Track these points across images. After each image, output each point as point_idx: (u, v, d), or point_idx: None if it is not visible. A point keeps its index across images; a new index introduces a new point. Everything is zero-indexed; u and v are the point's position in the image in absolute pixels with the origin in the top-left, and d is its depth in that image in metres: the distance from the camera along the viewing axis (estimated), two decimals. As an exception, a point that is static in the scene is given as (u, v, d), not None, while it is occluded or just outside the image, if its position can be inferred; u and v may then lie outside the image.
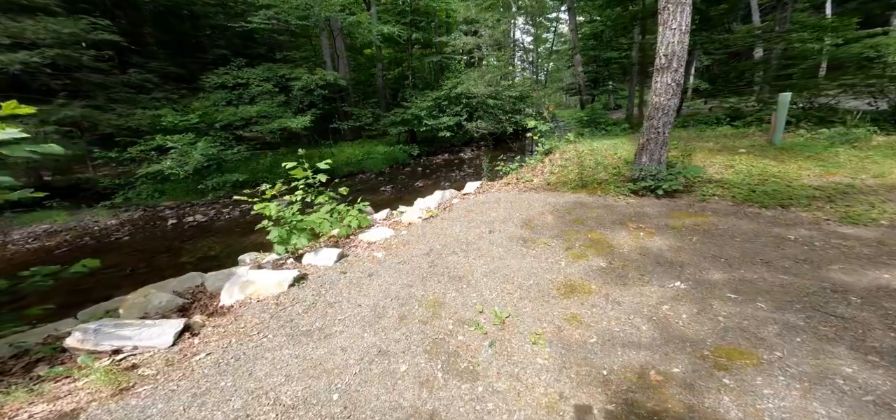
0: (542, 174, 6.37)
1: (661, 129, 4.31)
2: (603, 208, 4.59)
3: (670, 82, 4.05)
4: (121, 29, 12.83)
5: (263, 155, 11.85)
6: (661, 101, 4.18)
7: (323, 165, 4.70)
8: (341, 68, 17.55)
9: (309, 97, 12.89)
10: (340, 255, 3.75)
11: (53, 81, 8.18)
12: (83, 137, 8.65)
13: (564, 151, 7.20)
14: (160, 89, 12.05)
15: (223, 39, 16.75)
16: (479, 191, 6.38)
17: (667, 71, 4.04)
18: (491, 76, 12.62)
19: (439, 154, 15.44)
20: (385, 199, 8.73)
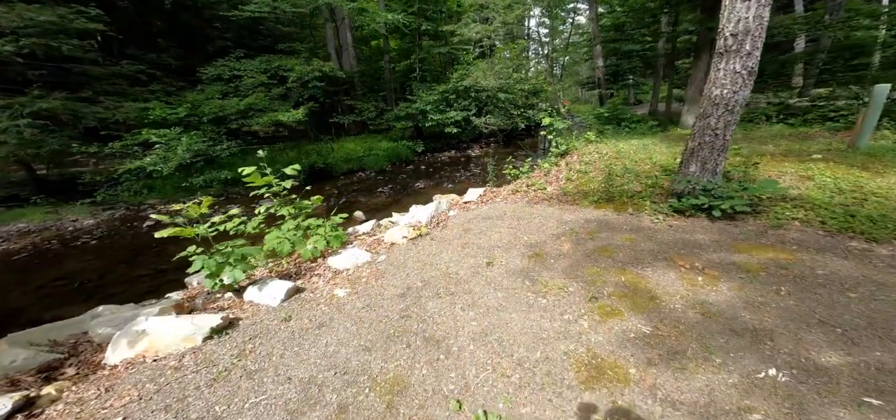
0: (557, 181, 5.36)
1: (721, 129, 3.24)
2: (637, 233, 3.58)
3: (739, 69, 2.98)
4: (125, 18, 12.45)
5: (260, 150, 11.24)
6: (723, 95, 3.11)
7: (290, 170, 3.88)
8: (346, 60, 16.79)
9: (307, 90, 12.16)
10: (292, 291, 2.91)
11: (30, 71, 7.67)
12: (64, 131, 8.16)
13: (584, 153, 6.14)
14: (158, 81, 11.58)
15: (229, 31, 16.27)
16: (482, 199, 5.44)
17: (734, 55, 2.97)
18: (502, 68, 11.52)
19: (445, 151, 14.49)
20: (380, 201, 7.92)
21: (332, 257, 3.59)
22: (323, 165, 10.51)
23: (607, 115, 11.11)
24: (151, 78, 11.43)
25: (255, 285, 2.90)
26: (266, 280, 2.96)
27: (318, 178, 10.42)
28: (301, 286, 3.08)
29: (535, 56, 32.03)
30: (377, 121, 14.44)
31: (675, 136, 6.86)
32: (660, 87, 18.83)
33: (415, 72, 17.63)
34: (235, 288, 2.94)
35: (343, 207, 7.59)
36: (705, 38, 7.90)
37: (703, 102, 3.31)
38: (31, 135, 7.23)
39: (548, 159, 6.34)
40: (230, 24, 16.40)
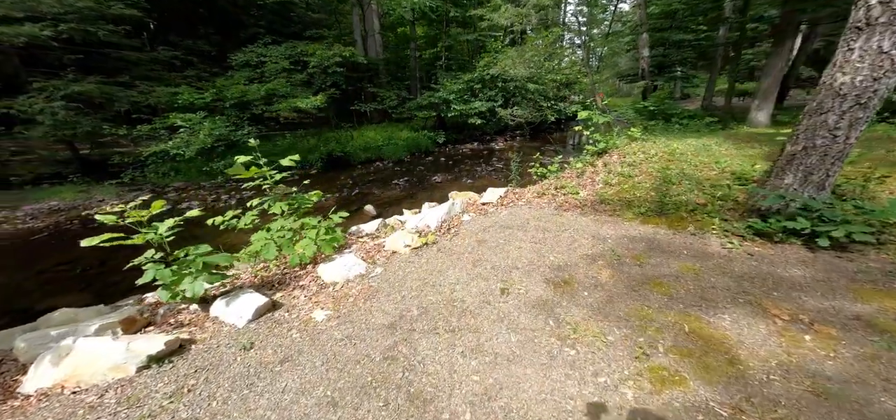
0: (592, 185, 4.54)
1: (843, 130, 2.31)
2: (702, 260, 2.76)
3: (888, 49, 2.04)
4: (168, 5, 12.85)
5: (281, 136, 11.19)
6: (854, 83, 2.18)
7: (287, 161, 3.44)
8: (372, 47, 16.44)
9: (329, 76, 11.90)
10: (264, 309, 2.46)
11: (66, 56, 7.92)
12: (98, 114, 8.43)
13: (626, 153, 5.22)
14: (193, 67, 11.85)
15: (263, 18, 16.46)
16: (503, 202, 4.75)
17: (885, 29, 2.03)
18: (533, 55, 10.53)
19: (467, 143, 13.76)
20: (394, 195, 7.44)
21: (323, 264, 3.12)
22: (341, 153, 10.25)
23: (653, 110, 9.83)
24: (186, 64, 11.71)
25: (225, 297, 2.47)
26: (237, 293, 2.53)
27: (335, 166, 10.17)
28: (278, 301, 2.62)
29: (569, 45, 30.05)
30: (399, 109, 13.98)
31: (744, 136, 5.69)
32: (715, 80, 16.77)
33: (440, 60, 16.92)
34: (204, 298, 2.54)
35: (354, 200, 7.21)
36: (791, 21, 6.52)
37: (819, 94, 2.38)
38: (65, 116, 7.46)
39: (582, 158, 5.48)
40: (263, 10, 16.63)
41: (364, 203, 6.98)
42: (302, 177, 9.89)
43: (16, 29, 6.77)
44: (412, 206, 6.68)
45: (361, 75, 14.71)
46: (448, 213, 4.17)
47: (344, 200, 7.25)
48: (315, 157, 9.82)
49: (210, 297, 2.59)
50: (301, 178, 9.90)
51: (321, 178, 9.17)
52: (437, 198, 7.01)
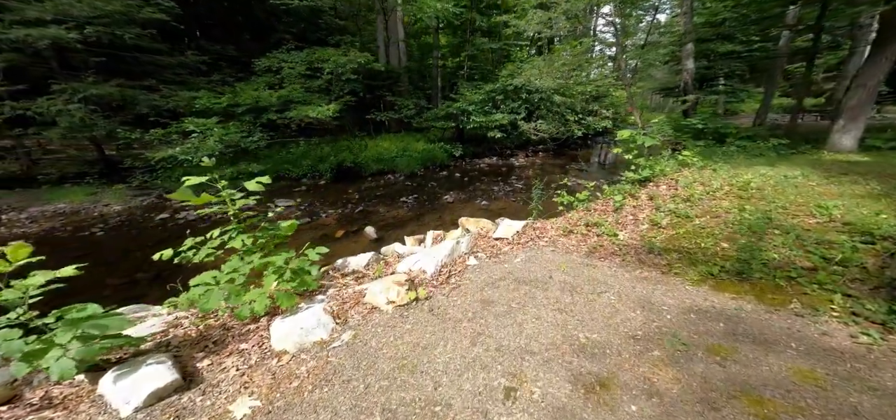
0: (635, 224, 3.58)
1: None
2: (823, 360, 1.79)
3: None
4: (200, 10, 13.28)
5: (295, 144, 10.93)
6: None
7: (252, 186, 2.83)
8: (394, 55, 16.22)
9: (347, 84, 11.62)
10: (167, 391, 1.77)
11: (93, 58, 8.04)
12: (117, 117, 8.50)
13: (678, 183, 4.19)
14: (219, 71, 12.02)
15: (294, 24, 16.78)
16: (520, 239, 3.90)
17: None
18: (561, 65, 9.63)
19: (485, 157, 12.94)
20: (399, 215, 6.75)
21: (280, 319, 2.42)
22: (352, 164, 9.78)
23: (701, 128, 8.55)
24: (212, 68, 11.88)
25: (120, 368, 1.81)
26: (137, 363, 1.86)
27: (346, 176, 9.71)
28: (198, 375, 1.93)
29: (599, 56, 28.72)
30: (417, 119, 13.47)
31: (833, 166, 4.47)
32: (773, 95, 14.94)
33: (462, 69, 16.37)
34: (98, 365, 1.89)
35: (357, 218, 6.60)
36: (894, 22, 5.24)
37: None
38: (83, 118, 7.47)
39: (619, 186, 4.50)
40: (294, 16, 16.91)
41: (366, 223, 6.35)
42: (311, 187, 9.58)
43: (41, 31, 6.84)
44: (417, 231, 5.95)
45: (381, 83, 14.43)
46: (450, 255, 3.37)
47: (346, 218, 6.66)
48: (325, 166, 9.42)
49: (106, 362, 1.95)
50: (311, 188, 9.59)
51: (330, 190, 8.72)
52: (447, 222, 6.25)
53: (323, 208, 7.18)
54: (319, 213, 6.86)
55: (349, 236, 5.88)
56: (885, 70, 5.47)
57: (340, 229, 6.12)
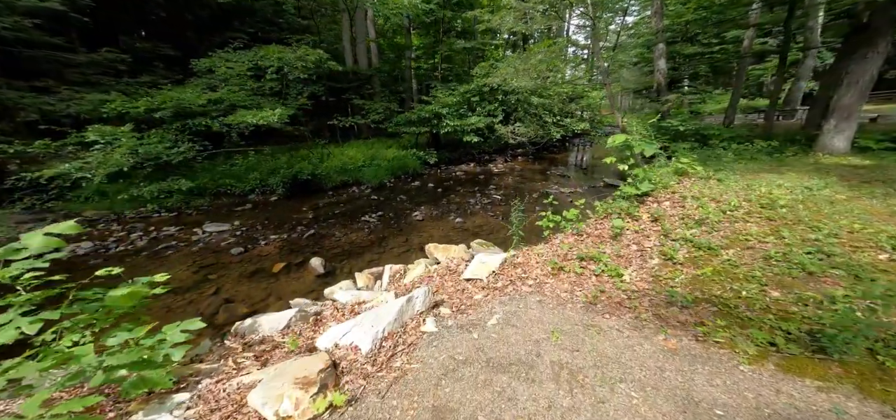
0: (643, 258, 2.78)
1: None
2: None
3: None
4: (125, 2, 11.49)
5: (241, 155, 9.50)
6: None
7: (38, 243, 1.68)
8: (362, 56, 15.09)
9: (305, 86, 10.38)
10: None
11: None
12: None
13: (682, 198, 3.47)
14: (150, 72, 10.37)
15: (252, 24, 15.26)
16: (496, 282, 3.00)
17: None
18: (538, 61, 8.95)
19: (462, 163, 12.10)
20: (357, 241, 5.68)
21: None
22: (310, 176, 8.56)
23: (682, 129, 8.15)
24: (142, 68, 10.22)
25: None
26: None
27: (303, 191, 8.48)
28: None
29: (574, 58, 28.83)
30: (386, 124, 12.42)
31: (844, 171, 3.94)
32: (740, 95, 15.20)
33: (436, 70, 15.51)
34: None
35: (304, 246, 5.47)
36: (884, 18, 4.86)
37: None
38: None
39: (615, 204, 3.72)
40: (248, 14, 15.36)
41: (315, 251, 5.25)
42: (259, 205, 8.24)
43: None
44: (375, 261, 4.92)
45: (348, 86, 13.25)
46: (399, 319, 2.39)
47: (291, 246, 5.51)
48: (277, 179, 8.14)
49: None
50: (258, 206, 8.24)
51: (280, 208, 7.48)
52: (414, 246, 5.26)
53: (265, 233, 5.98)
54: (258, 240, 5.67)
55: (291, 271, 4.76)
56: (876, 66, 5.12)
57: (281, 261, 4.99)
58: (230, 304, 4.07)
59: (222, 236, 5.89)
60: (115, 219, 7.01)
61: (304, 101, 9.36)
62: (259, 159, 9.28)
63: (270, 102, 8.98)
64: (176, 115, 7.47)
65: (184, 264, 5.03)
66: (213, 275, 4.75)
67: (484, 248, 4.76)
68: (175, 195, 7.58)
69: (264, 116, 7.11)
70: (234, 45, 9.89)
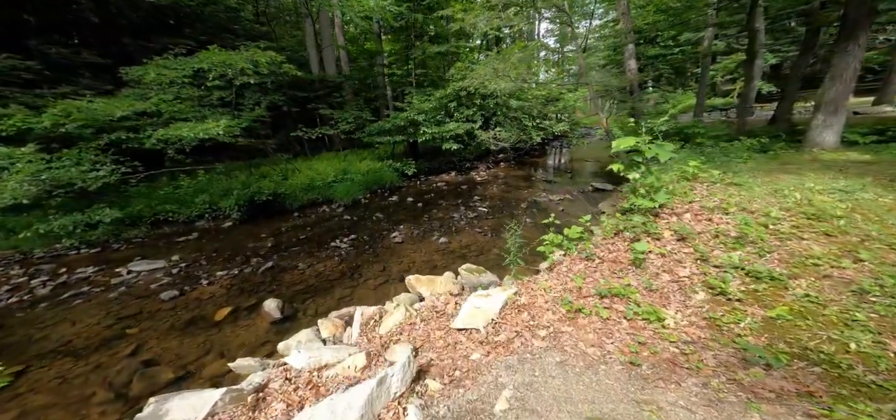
0: (681, 291, 2.20)
1: None
2: None
3: None
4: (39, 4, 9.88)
5: (186, 176, 8.14)
6: None
7: None
8: (330, 63, 14.13)
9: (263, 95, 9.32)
10: None
11: None
12: None
13: (703, 207, 2.97)
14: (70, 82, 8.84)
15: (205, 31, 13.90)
16: (497, 334, 2.31)
17: None
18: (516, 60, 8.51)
19: (443, 173, 11.43)
20: (324, 274, 4.79)
21: None
22: (271, 196, 7.50)
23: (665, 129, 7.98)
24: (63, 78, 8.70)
25: None
26: None
27: (264, 214, 7.42)
28: None
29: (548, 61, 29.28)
30: (359, 134, 11.53)
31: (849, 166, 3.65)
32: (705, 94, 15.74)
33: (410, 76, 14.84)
34: None
35: (259, 283, 4.51)
36: (861, 11, 4.75)
37: None
38: None
39: (625, 218, 3.16)
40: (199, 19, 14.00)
41: (271, 290, 4.32)
42: (209, 233, 7.01)
43: None
44: (346, 300, 4.07)
45: (315, 94, 12.25)
46: (367, 414, 1.62)
47: (243, 283, 4.54)
48: (231, 202, 7.02)
49: None
50: (207, 234, 7.00)
51: (235, 235, 6.39)
52: (392, 276, 4.45)
53: (210, 268, 4.94)
54: (200, 279, 4.64)
55: (239, 317, 3.83)
56: (858, 59, 5.02)
57: (227, 305, 4.03)
58: (151, 368, 3.12)
59: (154, 276, 4.79)
60: (20, 260, 5.66)
61: (262, 111, 8.32)
62: (210, 179, 8.06)
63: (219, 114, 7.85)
64: (100, 131, 6.23)
65: (94, 316, 3.95)
66: (134, 328, 3.73)
67: (474, 274, 4.06)
68: (100, 227, 6.29)
69: (206, 129, 6.04)
70: (175, 51, 8.65)
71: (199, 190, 7.39)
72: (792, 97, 9.10)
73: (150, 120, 6.81)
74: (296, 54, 16.92)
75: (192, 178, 7.92)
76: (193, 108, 6.99)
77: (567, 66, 28.06)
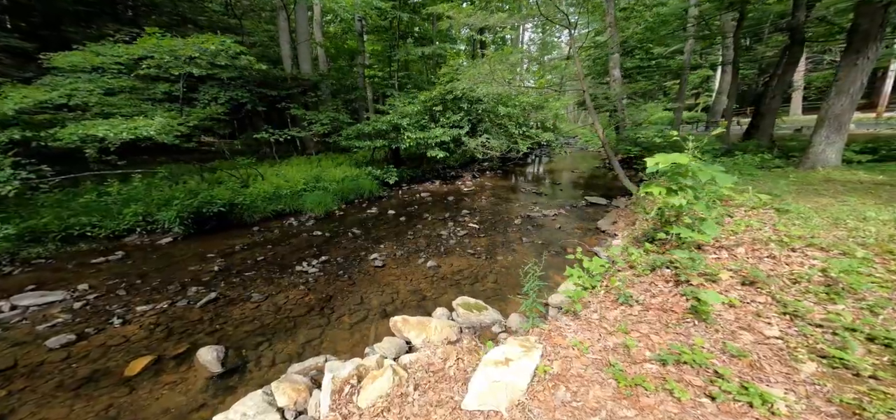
0: (783, 362, 1.60)
1: None
2: None
3: None
4: None
5: (127, 180, 6.80)
6: None
7: None
8: (305, 60, 13.03)
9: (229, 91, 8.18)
10: None
11: None
12: None
13: (760, 240, 2.46)
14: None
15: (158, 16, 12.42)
16: None
17: None
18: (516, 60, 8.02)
19: (426, 181, 10.69)
20: (283, 307, 3.87)
21: None
22: (223, 207, 6.33)
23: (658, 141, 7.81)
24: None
25: None
26: None
27: (218, 227, 6.29)
28: None
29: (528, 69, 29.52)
30: (336, 138, 10.56)
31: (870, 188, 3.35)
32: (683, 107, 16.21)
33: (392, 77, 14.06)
34: None
35: (192, 325, 3.50)
36: (875, 21, 4.61)
37: None
38: None
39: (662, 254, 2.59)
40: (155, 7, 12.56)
41: (212, 332, 3.34)
42: (141, 251, 5.59)
43: None
44: (314, 344, 3.21)
45: (287, 92, 11.13)
46: None
47: (171, 324, 3.51)
48: (171, 214, 5.81)
49: None
50: (139, 252, 4.61)
51: (171, 255, 5.20)
52: (372, 314, 3.58)
53: (130, 301, 3.86)
54: (113, 316, 3.56)
55: (163, 371, 2.84)
56: (866, 72, 4.90)
57: (147, 353, 3.04)
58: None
59: (48, 311, 3.62)
60: None
61: (217, 109, 7.19)
62: (149, 186, 6.74)
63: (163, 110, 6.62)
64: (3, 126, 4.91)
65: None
66: (2, 391, 2.66)
67: (473, 311, 3.35)
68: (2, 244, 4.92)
69: (132, 128, 4.89)
70: (115, 37, 7.30)
71: (132, 198, 6.11)
72: (773, 112, 9.27)
73: (71, 114, 5.56)
74: (267, 50, 15.65)
75: (125, 184, 6.59)
76: (129, 102, 5.79)
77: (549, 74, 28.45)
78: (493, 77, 7.32)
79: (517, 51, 9.31)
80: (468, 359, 2.42)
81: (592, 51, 21.90)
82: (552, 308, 3.30)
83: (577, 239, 5.35)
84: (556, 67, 24.59)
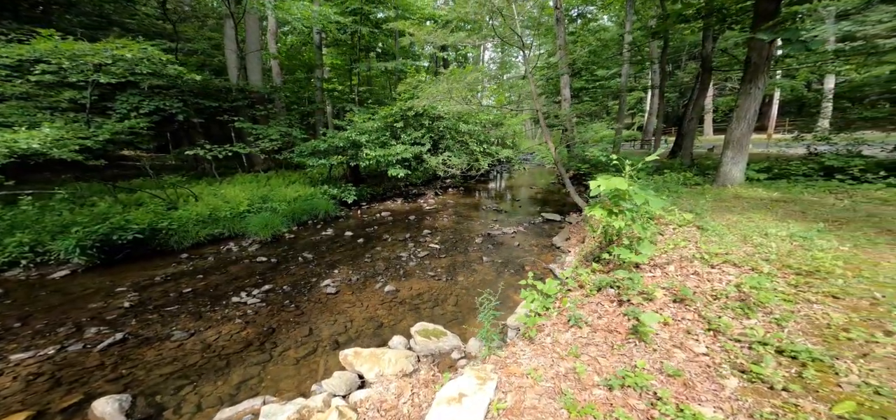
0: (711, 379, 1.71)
1: None
2: None
3: None
4: None
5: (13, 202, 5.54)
6: None
7: None
8: (256, 72, 12.21)
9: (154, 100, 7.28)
10: None
11: None
12: None
13: (686, 258, 2.70)
14: None
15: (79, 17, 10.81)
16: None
17: None
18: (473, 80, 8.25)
19: (387, 199, 10.44)
20: (216, 347, 3.38)
21: None
22: (141, 233, 5.49)
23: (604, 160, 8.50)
24: None
25: None
26: None
27: (135, 255, 5.43)
28: None
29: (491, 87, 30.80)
30: (286, 154, 9.92)
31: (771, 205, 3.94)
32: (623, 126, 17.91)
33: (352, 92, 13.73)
34: None
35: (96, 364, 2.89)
36: (763, 55, 5.52)
37: None
38: None
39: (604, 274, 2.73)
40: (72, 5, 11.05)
41: (114, 379, 2.79)
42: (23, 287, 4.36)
43: None
44: (252, 384, 2.80)
45: (231, 105, 10.28)
46: None
47: (60, 371, 2.85)
48: (69, 243, 4.87)
49: None
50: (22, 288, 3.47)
51: (70, 289, 4.34)
52: (321, 348, 3.24)
53: (5, 348, 3.12)
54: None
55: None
56: (758, 100, 5.81)
57: (23, 409, 2.44)
58: None
59: None
60: None
61: (136, 121, 6.35)
62: (42, 209, 5.61)
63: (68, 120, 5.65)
64: None
65: None
66: None
67: (432, 338, 3.22)
68: None
69: (9, 142, 4.07)
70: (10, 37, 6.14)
71: (17, 225, 5.05)
72: (692, 133, 10.59)
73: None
74: (211, 59, 14.44)
75: (10, 208, 5.41)
76: (21, 110, 4.82)
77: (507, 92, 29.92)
78: (450, 95, 7.46)
79: (476, 69, 9.66)
80: (424, 393, 2.28)
81: (546, 71, 23.55)
82: (511, 330, 3.30)
83: (534, 256, 5.51)
84: (513, 86, 25.99)
